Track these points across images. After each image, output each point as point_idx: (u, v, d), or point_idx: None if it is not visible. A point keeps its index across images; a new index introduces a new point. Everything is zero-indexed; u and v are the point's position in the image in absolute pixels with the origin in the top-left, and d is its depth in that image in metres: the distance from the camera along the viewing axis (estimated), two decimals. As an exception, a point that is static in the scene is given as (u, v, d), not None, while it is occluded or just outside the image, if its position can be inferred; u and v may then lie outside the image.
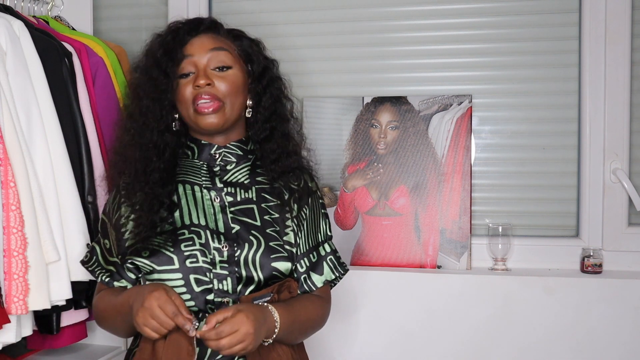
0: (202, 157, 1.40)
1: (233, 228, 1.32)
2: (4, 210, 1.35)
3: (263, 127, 1.40)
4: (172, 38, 1.36)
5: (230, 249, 1.29)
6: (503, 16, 1.92)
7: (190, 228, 1.31)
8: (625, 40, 1.83)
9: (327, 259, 1.41)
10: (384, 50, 1.98)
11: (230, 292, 1.28)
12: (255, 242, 1.30)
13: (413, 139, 1.92)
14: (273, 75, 1.43)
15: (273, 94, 1.41)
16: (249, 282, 1.29)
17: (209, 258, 1.28)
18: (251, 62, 1.40)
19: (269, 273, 1.30)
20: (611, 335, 1.75)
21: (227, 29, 1.43)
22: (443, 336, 1.82)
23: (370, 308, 1.86)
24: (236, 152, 1.40)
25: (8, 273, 1.35)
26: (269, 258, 1.30)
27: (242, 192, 1.37)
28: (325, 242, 1.43)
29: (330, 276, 1.41)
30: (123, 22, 2.15)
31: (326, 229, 1.44)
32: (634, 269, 1.83)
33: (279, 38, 2.02)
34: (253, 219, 1.33)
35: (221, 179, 1.37)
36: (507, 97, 1.93)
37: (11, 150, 1.38)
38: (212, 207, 1.34)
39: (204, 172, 1.38)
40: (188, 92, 1.33)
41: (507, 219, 1.93)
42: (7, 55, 1.43)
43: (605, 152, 1.85)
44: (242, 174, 1.39)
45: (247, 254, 1.29)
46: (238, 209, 1.34)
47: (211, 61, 1.34)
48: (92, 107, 1.68)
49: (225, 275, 1.28)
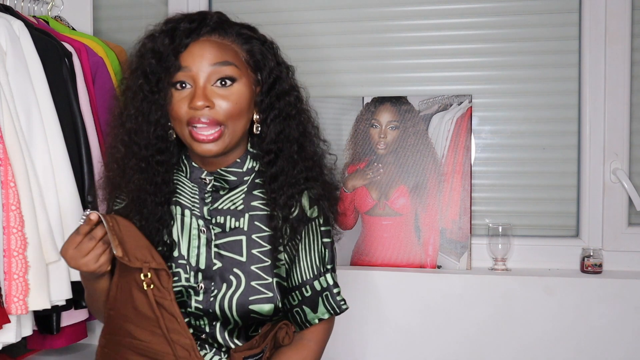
0: (192, 178, 1.26)
1: (214, 264, 1.22)
2: (4, 210, 1.35)
3: (267, 148, 1.23)
4: (169, 42, 1.17)
5: (207, 288, 1.21)
6: (503, 16, 1.92)
7: (177, 261, 1.23)
8: (625, 40, 1.82)
9: (323, 295, 1.25)
10: (384, 50, 1.98)
11: (207, 330, 1.22)
12: (234, 282, 1.20)
13: (413, 139, 1.92)
14: (284, 88, 1.24)
15: (283, 111, 1.23)
16: (226, 322, 1.21)
17: (188, 296, 1.22)
18: (260, 70, 1.22)
19: (246, 315, 1.20)
20: (611, 335, 1.75)
21: (236, 29, 1.23)
22: (443, 336, 1.82)
23: (370, 308, 1.86)
24: (229, 177, 1.25)
25: (8, 273, 1.35)
26: (247, 300, 1.19)
27: (233, 221, 1.23)
28: (323, 276, 1.26)
29: (325, 315, 1.25)
30: (123, 22, 2.15)
31: (325, 260, 1.26)
32: (634, 269, 1.83)
33: (279, 38, 2.00)
34: (239, 254, 1.22)
35: (210, 206, 1.24)
36: (507, 97, 1.93)
37: (11, 150, 1.38)
38: (197, 238, 1.23)
39: (195, 196, 1.25)
40: (182, 111, 1.15)
41: (507, 219, 1.93)
42: (7, 55, 1.43)
43: (605, 152, 1.85)
44: (237, 198, 1.25)
45: (224, 295, 1.20)
46: (224, 242, 1.23)
47: (212, 76, 1.15)
48: (92, 107, 1.68)
49: (200, 315, 1.21)
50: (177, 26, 1.18)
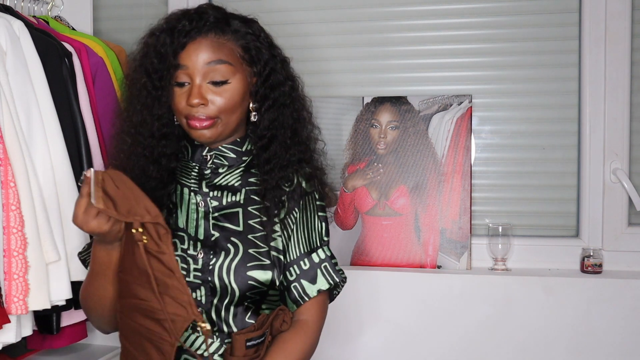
0: (194, 158, 1.33)
1: (213, 235, 1.26)
2: (4, 210, 1.35)
3: (261, 134, 1.30)
4: (170, 41, 1.25)
5: (206, 256, 1.25)
6: (503, 16, 1.92)
7: (175, 233, 1.28)
8: (625, 40, 1.83)
9: (322, 266, 1.30)
10: (384, 50, 1.98)
11: (204, 302, 1.24)
12: (232, 249, 1.25)
13: (413, 139, 1.92)
14: (279, 79, 1.31)
15: (278, 100, 1.31)
16: (223, 293, 1.24)
17: (187, 265, 1.25)
18: (255, 64, 1.29)
19: (244, 283, 1.23)
20: (611, 335, 1.75)
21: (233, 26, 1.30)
22: (443, 336, 1.82)
23: (370, 308, 1.86)
24: (229, 154, 1.32)
25: (8, 273, 1.35)
26: (245, 267, 1.23)
27: (230, 195, 1.30)
28: (320, 248, 1.31)
29: (325, 285, 1.29)
30: (123, 22, 2.15)
31: (322, 233, 1.32)
32: (634, 269, 1.83)
33: (279, 38, 2.01)
34: (235, 224, 1.27)
35: (209, 182, 1.31)
36: (507, 97, 1.94)
37: (11, 150, 1.38)
38: (195, 212, 1.29)
39: (195, 174, 1.33)
40: (182, 106, 1.25)
41: (507, 219, 1.93)
42: (7, 55, 1.43)
43: (605, 152, 1.85)
44: (234, 176, 1.32)
45: (223, 262, 1.24)
46: (222, 214, 1.28)
47: (207, 76, 1.24)
48: (92, 107, 1.68)
49: (199, 285, 1.24)
50: (176, 25, 1.27)
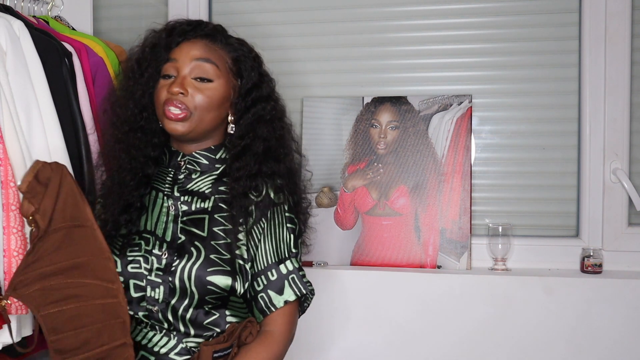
0: (170, 164, 1.40)
1: (179, 238, 1.31)
2: (4, 210, 1.35)
3: (236, 143, 1.35)
4: (165, 37, 1.35)
5: (170, 257, 1.29)
6: (503, 16, 1.92)
7: (142, 234, 1.33)
8: (625, 40, 1.83)
9: (289, 277, 1.31)
10: (384, 50, 1.98)
11: (160, 301, 1.28)
12: (195, 253, 1.28)
13: (413, 139, 1.92)
14: (262, 95, 1.37)
15: (256, 114, 1.36)
16: (182, 294, 1.27)
17: (149, 265, 1.29)
18: (241, 77, 1.36)
19: (203, 287, 1.26)
20: (611, 335, 1.75)
21: (228, 39, 1.38)
22: (443, 336, 1.82)
23: (370, 308, 1.86)
24: (201, 161, 1.37)
25: (8, 273, 1.35)
26: (206, 271, 1.26)
27: (199, 201, 1.34)
28: (288, 259, 1.32)
29: (292, 296, 1.30)
30: (123, 22, 2.15)
31: (290, 245, 1.33)
32: (634, 269, 1.83)
33: (279, 38, 2.03)
34: (201, 230, 1.31)
35: (181, 187, 1.36)
36: (507, 97, 1.94)
37: (11, 150, 1.38)
38: (166, 215, 1.34)
39: (169, 179, 1.38)
40: (162, 95, 1.32)
41: (507, 219, 1.93)
42: (7, 55, 1.43)
43: (605, 152, 1.85)
44: (205, 184, 1.37)
45: (185, 264, 1.27)
46: (189, 219, 1.33)
47: (193, 70, 1.32)
48: (92, 107, 1.67)
49: (159, 284, 1.28)
50: (176, 26, 1.36)
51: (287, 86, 1.95)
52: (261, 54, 1.43)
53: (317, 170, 1.91)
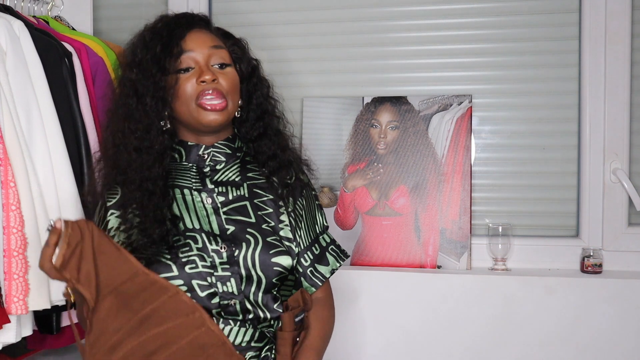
0: (190, 158, 1.35)
1: (228, 229, 1.29)
2: (4, 210, 1.35)
3: (256, 125, 1.38)
4: (168, 32, 1.31)
5: (229, 249, 1.27)
6: (503, 16, 1.92)
7: (185, 234, 1.27)
8: (625, 40, 1.83)
9: (329, 249, 1.42)
10: (384, 50, 1.98)
11: (236, 293, 1.26)
12: (252, 240, 1.28)
13: (413, 139, 1.92)
14: (260, 75, 1.42)
15: (263, 93, 1.40)
16: (252, 281, 1.27)
17: (209, 262, 1.25)
18: (240, 61, 1.38)
19: (270, 270, 1.27)
20: (611, 335, 1.75)
21: (216, 27, 1.41)
22: (443, 336, 1.82)
23: (370, 308, 1.86)
24: (225, 150, 1.37)
25: (8, 273, 1.35)
26: (269, 254, 1.28)
27: (234, 190, 1.34)
28: (324, 233, 1.43)
29: (336, 265, 1.41)
30: (123, 22, 2.15)
31: (322, 220, 1.44)
32: (634, 269, 1.83)
33: (279, 38, 2.03)
34: (247, 217, 1.31)
35: (211, 179, 1.34)
36: (507, 97, 1.94)
37: (11, 150, 1.38)
38: (204, 209, 1.31)
39: (194, 173, 1.34)
40: (190, 87, 1.28)
41: (507, 219, 1.93)
42: (7, 55, 1.43)
43: (605, 152, 1.85)
44: (233, 172, 1.36)
45: (246, 253, 1.27)
46: (231, 208, 1.31)
47: (212, 58, 1.31)
48: (92, 107, 1.68)
49: (228, 277, 1.26)
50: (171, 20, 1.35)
51: (287, 86, 1.95)
52: (261, 53, 1.45)
53: (317, 170, 1.91)
